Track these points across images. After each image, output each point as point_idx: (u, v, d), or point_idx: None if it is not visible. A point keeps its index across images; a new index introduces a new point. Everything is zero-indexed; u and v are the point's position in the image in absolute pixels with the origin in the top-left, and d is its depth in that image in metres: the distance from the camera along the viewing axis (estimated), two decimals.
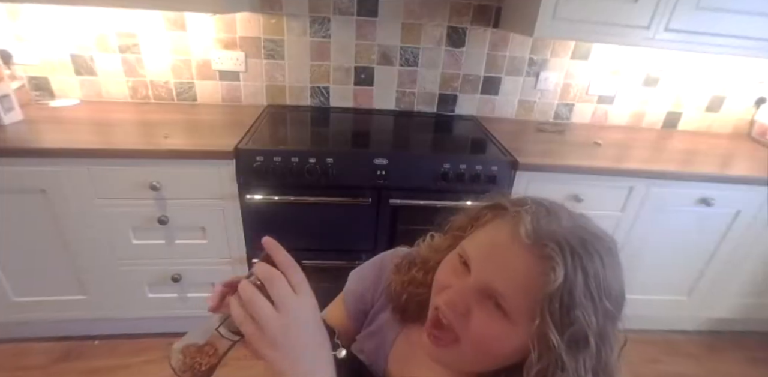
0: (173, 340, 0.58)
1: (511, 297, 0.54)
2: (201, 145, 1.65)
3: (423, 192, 1.72)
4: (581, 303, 0.53)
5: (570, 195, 1.83)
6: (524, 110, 2.39)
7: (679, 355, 2.28)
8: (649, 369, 2.18)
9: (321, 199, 1.69)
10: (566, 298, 0.52)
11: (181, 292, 1.92)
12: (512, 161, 1.74)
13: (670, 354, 2.28)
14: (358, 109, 2.29)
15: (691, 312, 2.31)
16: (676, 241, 2.02)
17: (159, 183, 1.64)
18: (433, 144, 2.02)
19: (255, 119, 1.98)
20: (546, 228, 0.55)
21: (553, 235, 0.54)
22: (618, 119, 2.46)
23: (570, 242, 0.54)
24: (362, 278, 0.85)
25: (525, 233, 0.55)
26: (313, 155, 1.64)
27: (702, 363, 2.24)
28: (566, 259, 0.53)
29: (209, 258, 1.84)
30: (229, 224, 1.76)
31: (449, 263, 0.63)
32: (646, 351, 2.28)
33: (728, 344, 2.37)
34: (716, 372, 2.19)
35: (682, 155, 2.07)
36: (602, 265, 0.55)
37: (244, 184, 1.65)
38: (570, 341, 0.53)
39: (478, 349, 0.58)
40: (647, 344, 2.32)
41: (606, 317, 0.55)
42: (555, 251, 0.53)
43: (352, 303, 0.84)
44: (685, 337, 2.39)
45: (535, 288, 0.53)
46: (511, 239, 0.56)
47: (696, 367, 2.21)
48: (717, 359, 2.27)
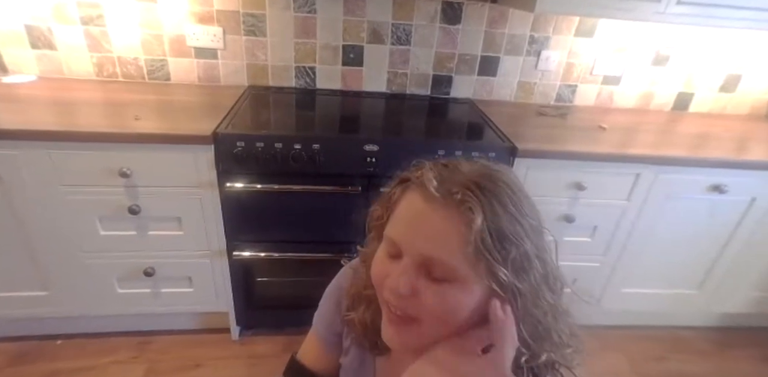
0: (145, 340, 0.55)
1: (447, 257, 0.58)
2: (176, 128, 1.62)
3: None
4: (510, 230, 0.58)
5: (572, 183, 1.82)
6: (524, 93, 2.39)
7: (687, 353, 2.28)
8: (655, 367, 2.17)
9: (307, 188, 1.69)
10: (495, 231, 0.57)
11: (154, 287, 1.90)
12: (511, 147, 1.74)
13: (677, 352, 2.28)
14: (346, 91, 2.27)
15: (701, 307, 2.30)
16: (685, 231, 2.02)
17: (129, 170, 1.61)
18: (427, 129, 2.02)
19: (235, 101, 1.96)
20: (450, 179, 0.60)
21: (458, 182, 0.59)
22: (624, 100, 2.45)
23: (476, 181, 0.59)
24: (325, 306, 0.88)
25: (433, 189, 0.59)
26: (299, 140, 1.63)
27: (712, 360, 2.24)
28: (478, 197, 0.57)
29: (185, 251, 1.83)
30: (207, 215, 1.75)
31: (380, 255, 0.66)
32: (651, 349, 2.28)
33: (741, 340, 2.37)
34: (728, 371, 2.19)
35: (693, 139, 2.06)
36: (511, 190, 0.60)
37: (223, 171, 1.64)
38: (515, 268, 0.58)
39: (441, 320, 0.61)
40: (653, 341, 2.32)
41: (534, 232, 0.60)
42: (466, 194, 0.57)
43: (324, 332, 0.88)
44: (695, 333, 2.39)
45: (464, 236, 0.56)
46: (425, 203, 0.59)
47: (706, 365, 2.21)
48: (728, 356, 2.27)
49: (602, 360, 2.16)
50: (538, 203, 0.65)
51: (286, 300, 1.99)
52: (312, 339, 0.90)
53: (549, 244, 0.64)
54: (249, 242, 1.81)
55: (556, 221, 1.89)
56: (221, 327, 2.06)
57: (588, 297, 0.68)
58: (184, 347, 2.00)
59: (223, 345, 2.03)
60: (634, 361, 2.17)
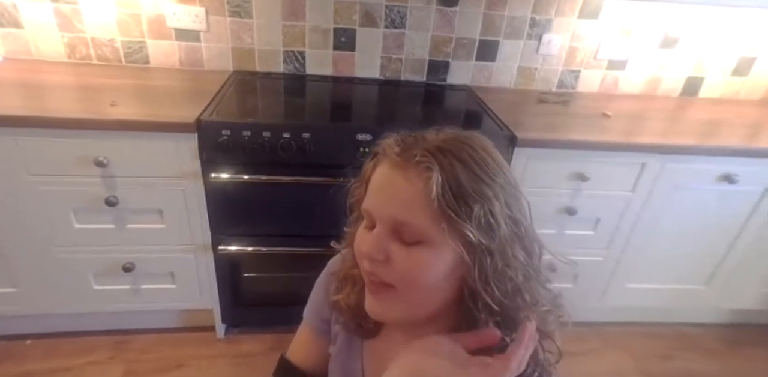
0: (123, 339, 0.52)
1: (412, 218, 0.61)
2: (156, 115, 1.59)
3: None
4: (472, 187, 0.60)
5: (574, 173, 1.80)
6: (524, 79, 2.35)
7: (694, 351, 2.26)
8: (661, 366, 2.15)
9: (297, 179, 1.67)
10: (455, 189, 0.59)
11: (134, 283, 1.87)
12: (510, 136, 1.72)
13: (684, 350, 2.26)
14: (338, 77, 2.23)
15: (709, 303, 2.29)
16: (693, 223, 1.99)
17: (106, 159, 1.57)
18: (423, 117, 1.99)
19: (220, 87, 1.92)
20: (413, 145, 0.63)
21: (420, 146, 0.62)
22: (630, 86, 2.41)
23: (437, 145, 0.61)
24: (315, 293, 0.91)
25: (395, 156, 0.62)
26: (288, 129, 1.61)
27: (721, 359, 2.22)
28: (437, 157, 0.59)
29: (167, 245, 1.80)
30: (190, 207, 1.72)
31: (360, 230, 0.69)
32: (657, 347, 2.25)
33: (751, 338, 2.34)
34: (737, 370, 2.17)
35: (702, 126, 2.04)
36: (475, 151, 0.62)
37: (207, 161, 1.62)
38: (482, 226, 0.60)
39: (413, 283, 0.64)
40: (658, 338, 2.30)
41: (505, 193, 0.62)
42: (425, 156, 0.60)
43: (314, 319, 0.90)
44: (703, 331, 2.37)
45: (425, 196, 0.59)
46: (390, 169, 0.63)
47: (714, 364, 2.19)
48: (738, 355, 2.25)
49: (605, 358, 2.14)
50: (538, 194, 0.69)
51: (275, 296, 1.98)
52: (303, 330, 0.92)
53: (523, 207, 0.66)
54: (235, 235, 1.79)
55: (557, 213, 1.87)
56: (205, 324, 2.04)
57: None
58: (166, 346, 1.98)
59: (207, 344, 2.01)
60: (639, 360, 2.15)
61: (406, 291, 0.65)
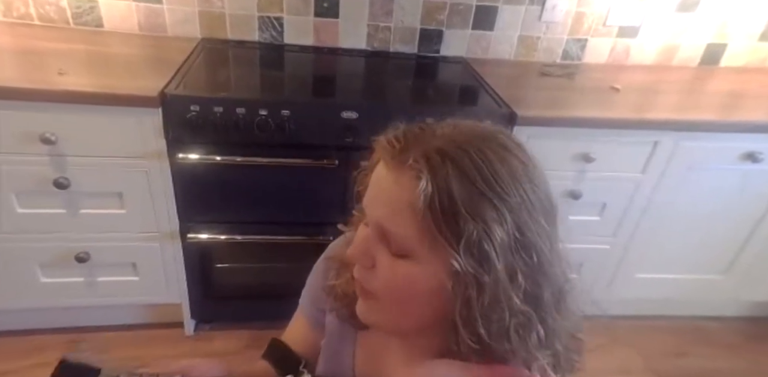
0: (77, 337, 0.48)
1: (396, 228, 0.57)
2: (113, 87, 1.53)
3: None
4: (469, 205, 0.53)
5: (579, 154, 1.77)
6: (525, 49, 2.27)
7: (711, 346, 2.23)
8: (673, 363, 2.12)
9: (276, 161, 1.65)
10: (446, 204, 0.53)
11: (89, 275, 1.82)
12: (509, 113, 1.70)
13: (700, 345, 2.23)
14: (320, 47, 2.16)
15: (727, 294, 2.27)
16: (711, 207, 1.96)
17: (54, 135, 1.51)
18: (414, 93, 1.99)
19: (186, 56, 1.84)
20: (414, 143, 0.57)
21: (419, 149, 0.56)
22: (642, 56, 2.34)
23: (440, 147, 0.56)
24: (311, 280, 0.90)
25: (390, 154, 0.58)
26: (265, 105, 1.58)
27: (740, 355, 2.20)
28: (431, 164, 0.54)
29: (128, 232, 1.76)
30: (155, 190, 1.68)
31: (362, 224, 0.66)
32: (670, 342, 2.22)
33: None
34: (759, 367, 2.15)
35: (723, 99, 2.00)
36: (488, 159, 0.55)
37: (174, 140, 1.58)
38: (472, 252, 0.54)
39: (394, 299, 0.62)
40: (672, 333, 2.27)
41: (516, 213, 0.55)
42: (417, 160, 0.55)
43: (309, 308, 0.90)
44: (720, 325, 2.35)
45: (410, 207, 0.55)
46: (385, 169, 0.59)
47: (733, 361, 2.16)
48: (759, 351, 2.23)
49: (611, 355, 2.11)
50: None
51: (251, 289, 1.97)
52: (298, 319, 0.93)
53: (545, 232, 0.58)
54: (206, 222, 1.76)
55: (560, 197, 1.83)
56: (173, 320, 1.99)
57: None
58: (127, 345, 1.93)
59: (174, 342, 1.97)
60: (649, 357, 2.12)
61: (387, 303, 0.64)
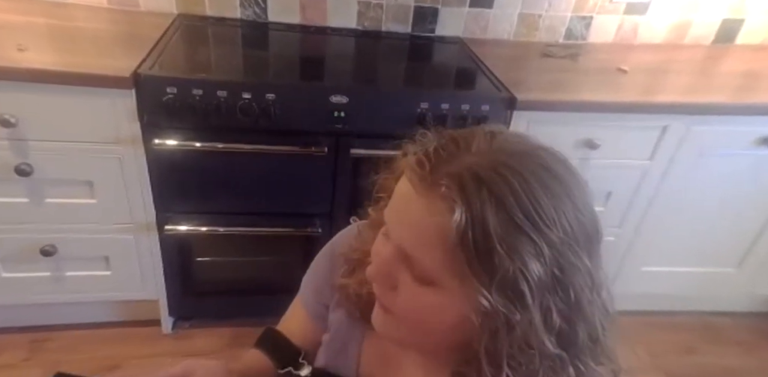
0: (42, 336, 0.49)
1: (421, 257, 0.55)
2: (80, 65, 1.48)
3: (393, 140, 1.65)
4: (506, 240, 0.50)
5: (582, 140, 1.75)
6: (526, 28, 2.22)
7: (722, 344, 2.20)
8: (681, 361, 2.09)
9: (260, 148, 1.63)
10: (480, 238, 0.50)
11: (56, 270, 1.78)
12: (509, 97, 1.68)
13: (710, 343, 2.20)
14: (307, 26, 2.11)
15: (740, 289, 2.25)
16: (723, 196, 1.94)
17: (14, 117, 1.47)
18: (407, 76, 1.99)
19: (162, 34, 1.80)
20: (445, 163, 0.54)
21: (451, 170, 0.53)
22: (652, 34, 2.28)
23: (474, 171, 0.52)
24: (315, 271, 0.89)
25: (418, 176, 0.55)
26: (248, 88, 1.55)
27: (753, 353, 2.16)
28: (465, 192, 0.51)
29: (99, 224, 1.72)
30: (129, 179, 1.65)
31: (381, 234, 0.65)
32: (678, 339, 2.19)
33: None
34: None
35: (738, 80, 1.97)
36: (530, 185, 0.52)
37: (149, 124, 1.55)
38: (505, 291, 0.51)
39: (414, 325, 0.62)
40: (680, 330, 2.24)
41: (557, 249, 0.52)
42: (450, 187, 0.51)
43: (312, 301, 0.88)
44: (732, 321, 2.32)
45: (440, 238, 0.52)
46: (412, 189, 0.56)
47: (746, 359, 2.13)
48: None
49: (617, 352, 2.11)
50: None
51: (233, 284, 1.96)
52: (297, 310, 0.91)
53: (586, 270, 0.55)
54: (186, 213, 1.74)
55: None
56: (149, 318, 1.96)
57: None
58: (98, 344, 1.89)
59: (151, 341, 1.94)
60: (657, 354, 2.09)
61: (406, 323, 0.62)
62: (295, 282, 0.91)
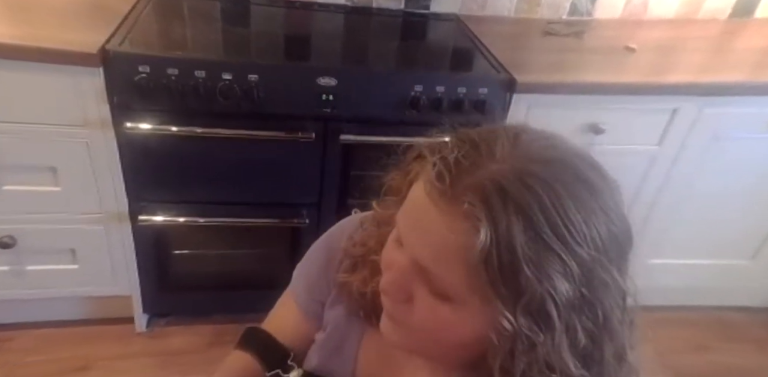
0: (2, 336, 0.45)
1: (440, 272, 0.54)
2: (40, 39, 1.43)
3: (385, 125, 1.65)
4: (533, 260, 0.49)
5: (586, 125, 1.72)
6: (527, 4, 2.17)
7: (736, 341, 2.17)
8: (692, 359, 2.07)
9: (242, 133, 1.60)
10: (506, 259, 0.49)
11: (15, 263, 1.74)
12: (508, 79, 1.65)
13: (723, 340, 2.17)
14: (292, 1, 2.06)
15: (755, 283, 2.22)
16: (737, 183, 1.91)
17: None
18: (400, 57, 1.97)
19: (132, 6, 1.74)
20: (467, 175, 0.52)
21: (474, 182, 0.51)
22: (663, 9, 2.22)
23: (498, 182, 0.50)
24: (309, 264, 0.87)
25: (438, 191, 0.53)
26: (229, 68, 1.52)
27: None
28: (490, 209, 0.49)
29: (64, 213, 1.68)
30: (98, 165, 1.60)
31: (391, 239, 0.64)
32: (689, 336, 2.16)
33: None
34: None
35: (756, 57, 1.94)
36: (555, 192, 0.50)
37: (120, 106, 1.50)
38: (530, 313, 0.51)
39: (429, 340, 0.61)
40: (691, 326, 2.21)
41: (587, 267, 0.51)
42: (474, 203, 0.49)
43: (305, 297, 0.86)
44: (747, 316, 2.28)
45: (462, 257, 0.50)
46: (429, 200, 0.54)
47: (759, 356, 2.10)
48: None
49: None
50: None
51: (214, 278, 1.93)
52: (287, 304, 0.89)
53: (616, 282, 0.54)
54: (162, 202, 1.71)
55: None
56: (121, 316, 1.93)
57: None
58: (64, 344, 1.85)
59: (122, 340, 1.90)
60: (665, 352, 2.04)
61: (418, 336, 0.62)
62: (280, 276, 0.88)
